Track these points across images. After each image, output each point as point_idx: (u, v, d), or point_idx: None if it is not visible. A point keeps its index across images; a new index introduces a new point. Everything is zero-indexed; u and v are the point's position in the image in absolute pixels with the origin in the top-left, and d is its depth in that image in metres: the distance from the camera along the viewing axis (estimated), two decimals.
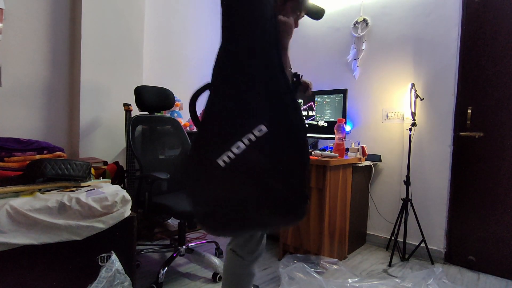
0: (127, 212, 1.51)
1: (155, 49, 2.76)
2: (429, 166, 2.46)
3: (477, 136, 2.29)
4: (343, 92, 2.57)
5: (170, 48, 2.91)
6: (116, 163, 2.24)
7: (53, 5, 2.19)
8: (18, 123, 2.07)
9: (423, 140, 2.49)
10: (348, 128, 2.77)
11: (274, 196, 1.01)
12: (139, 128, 2.15)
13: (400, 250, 2.41)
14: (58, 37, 2.22)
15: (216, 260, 2.01)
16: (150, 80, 2.66)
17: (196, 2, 3.07)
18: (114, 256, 1.41)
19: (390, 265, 2.30)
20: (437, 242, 2.42)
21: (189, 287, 1.89)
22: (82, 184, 1.56)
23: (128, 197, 1.52)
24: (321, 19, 1.35)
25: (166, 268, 1.90)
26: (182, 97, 2.75)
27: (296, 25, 1.29)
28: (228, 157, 0.95)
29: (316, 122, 2.74)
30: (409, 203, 2.36)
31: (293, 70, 1.39)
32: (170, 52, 2.90)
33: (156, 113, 2.23)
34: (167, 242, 2.44)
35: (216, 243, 2.37)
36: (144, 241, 2.48)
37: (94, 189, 1.52)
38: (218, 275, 1.95)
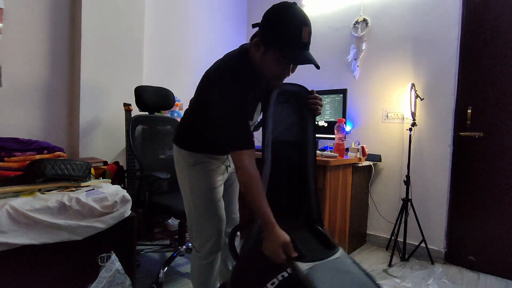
0: (127, 212, 1.51)
1: (155, 49, 2.76)
2: (429, 166, 2.46)
3: (477, 136, 2.29)
4: (343, 92, 2.57)
5: (170, 48, 2.90)
6: (116, 163, 2.24)
7: (53, 5, 2.18)
8: (18, 123, 2.07)
9: (423, 140, 2.49)
10: (348, 128, 2.77)
11: None
12: (139, 128, 2.15)
13: (400, 250, 2.41)
14: (58, 37, 2.22)
15: None
16: (150, 80, 2.66)
17: (196, 2, 3.07)
18: (114, 256, 1.40)
19: (390, 265, 2.30)
20: (437, 242, 2.42)
21: (189, 287, 1.89)
22: (82, 184, 1.56)
23: (128, 197, 1.52)
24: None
25: (166, 268, 1.90)
26: (182, 97, 2.75)
27: (286, 74, 1.15)
28: None
29: (316, 122, 2.73)
30: (409, 203, 2.36)
31: (295, 71, 1.36)
32: (170, 52, 2.90)
33: (156, 113, 2.23)
34: (167, 242, 2.44)
35: None
36: (144, 241, 2.48)
37: (94, 189, 1.52)
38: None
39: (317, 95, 1.26)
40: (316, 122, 2.73)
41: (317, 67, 1.14)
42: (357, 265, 1.09)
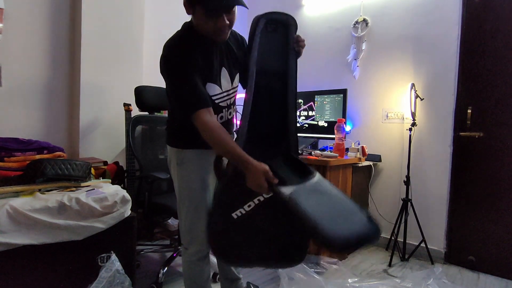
0: (127, 212, 1.51)
1: (155, 49, 2.75)
2: (429, 166, 2.46)
3: (477, 136, 2.29)
4: (343, 92, 2.57)
5: None
6: (116, 163, 2.24)
7: (53, 5, 2.19)
8: (18, 123, 2.07)
9: (423, 140, 2.49)
10: (348, 128, 2.77)
11: (272, 243, 1.26)
12: (139, 128, 2.15)
13: (400, 250, 2.41)
14: (58, 37, 2.22)
15: (215, 260, 2.00)
16: (150, 80, 2.66)
17: None
18: (114, 256, 1.41)
19: (390, 265, 2.30)
20: (437, 242, 2.42)
21: None
22: (82, 184, 1.56)
23: (128, 197, 1.52)
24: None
25: (166, 268, 1.90)
26: None
27: (221, 26, 1.12)
28: (240, 212, 1.18)
29: (316, 122, 2.73)
30: (409, 203, 2.36)
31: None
32: None
33: (156, 113, 2.23)
34: (167, 242, 2.44)
35: None
36: (144, 241, 2.48)
37: (94, 189, 1.52)
38: (218, 275, 1.95)
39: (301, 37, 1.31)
40: (316, 122, 2.73)
41: (245, 6, 1.12)
42: (335, 187, 1.18)
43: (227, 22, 1.12)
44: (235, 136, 1.53)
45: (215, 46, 1.24)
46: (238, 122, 1.46)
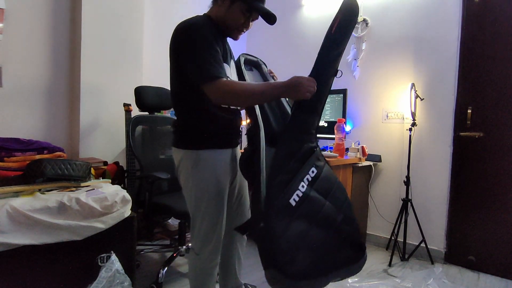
0: (127, 212, 1.52)
1: (155, 49, 2.76)
2: (429, 166, 2.46)
3: (477, 136, 2.29)
4: (343, 92, 2.57)
5: None
6: (116, 163, 2.24)
7: (53, 6, 2.19)
8: (18, 123, 2.07)
9: (423, 140, 2.49)
10: (348, 128, 2.77)
11: (342, 232, 1.22)
12: (139, 128, 2.15)
13: (400, 250, 2.41)
14: (58, 37, 2.22)
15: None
16: (150, 80, 2.66)
17: (195, 2, 3.07)
18: (114, 256, 1.41)
19: (390, 265, 2.30)
20: (437, 242, 2.42)
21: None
22: (82, 184, 1.56)
23: (128, 197, 1.52)
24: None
25: (166, 268, 1.90)
26: None
27: (247, 26, 1.28)
28: (297, 195, 1.08)
29: None
30: (409, 203, 2.36)
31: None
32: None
33: (156, 113, 2.23)
34: (167, 242, 2.44)
35: None
36: (144, 241, 2.48)
37: (94, 189, 1.52)
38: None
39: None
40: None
41: (274, 20, 1.25)
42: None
43: (249, 27, 1.29)
44: (241, 140, 1.55)
45: (226, 41, 1.34)
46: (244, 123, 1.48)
